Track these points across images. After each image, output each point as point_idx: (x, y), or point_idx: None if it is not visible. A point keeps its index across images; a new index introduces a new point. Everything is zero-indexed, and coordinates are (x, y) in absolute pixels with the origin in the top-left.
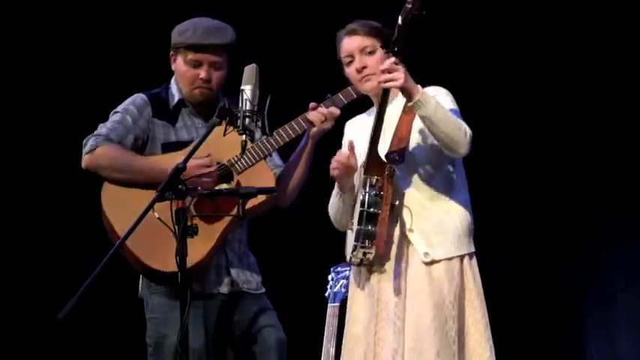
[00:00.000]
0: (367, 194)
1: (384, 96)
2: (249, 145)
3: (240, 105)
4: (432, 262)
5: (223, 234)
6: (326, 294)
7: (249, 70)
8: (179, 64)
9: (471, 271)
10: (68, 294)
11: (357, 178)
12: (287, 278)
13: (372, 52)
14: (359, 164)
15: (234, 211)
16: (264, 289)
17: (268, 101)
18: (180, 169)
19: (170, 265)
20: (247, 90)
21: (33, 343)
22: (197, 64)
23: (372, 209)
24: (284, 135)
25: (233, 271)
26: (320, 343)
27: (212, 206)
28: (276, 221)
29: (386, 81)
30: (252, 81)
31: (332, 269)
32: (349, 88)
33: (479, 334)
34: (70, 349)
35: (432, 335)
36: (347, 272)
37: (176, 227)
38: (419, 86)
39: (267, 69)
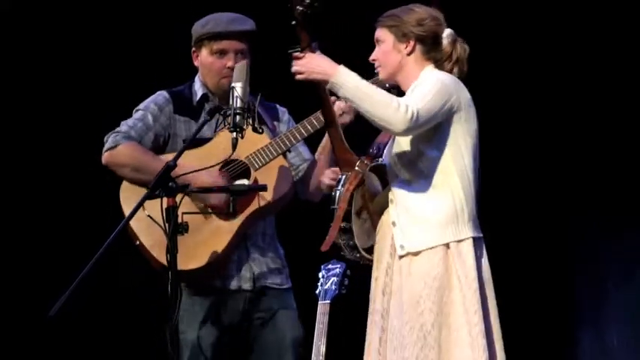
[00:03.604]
0: (338, 191)
1: (320, 92)
2: (267, 140)
3: (230, 102)
4: (411, 255)
5: (241, 229)
6: (317, 291)
7: (240, 68)
8: (204, 56)
9: (459, 259)
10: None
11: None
12: None
13: (380, 43)
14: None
15: (253, 208)
16: (289, 284)
17: (259, 99)
18: (170, 166)
19: (189, 263)
20: (238, 87)
21: (29, 341)
22: (223, 53)
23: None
24: (303, 130)
25: (254, 266)
26: (311, 340)
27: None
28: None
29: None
30: (243, 78)
31: (323, 267)
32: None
33: (468, 326)
34: (71, 348)
35: (409, 332)
36: (338, 270)
37: (167, 225)
38: (336, 69)
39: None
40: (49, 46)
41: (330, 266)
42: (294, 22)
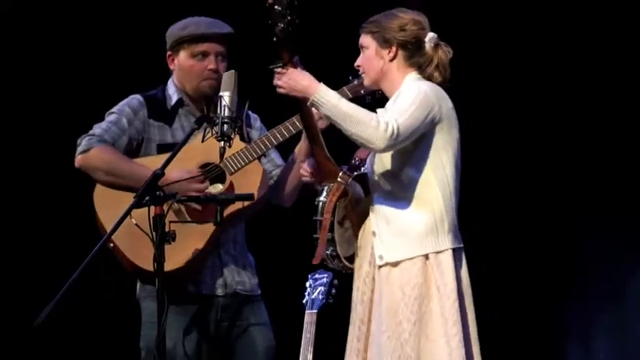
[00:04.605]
0: (320, 202)
1: (302, 106)
2: (242, 145)
3: (218, 111)
4: (390, 265)
5: (214, 235)
6: (304, 301)
7: (228, 77)
8: (183, 59)
9: (438, 270)
10: (49, 297)
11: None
12: (265, 284)
13: (364, 50)
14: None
15: (227, 212)
16: (259, 292)
17: (247, 107)
18: (158, 175)
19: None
20: (226, 96)
21: (16, 346)
22: (204, 55)
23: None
24: (278, 135)
25: (227, 273)
26: (298, 350)
27: (201, 210)
28: (255, 227)
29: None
30: (231, 87)
31: (310, 276)
32: (344, 88)
33: (446, 337)
34: (60, 353)
35: (386, 341)
36: (325, 279)
37: (154, 233)
38: (316, 87)
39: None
40: (48, 46)
41: (317, 275)
42: (275, 39)
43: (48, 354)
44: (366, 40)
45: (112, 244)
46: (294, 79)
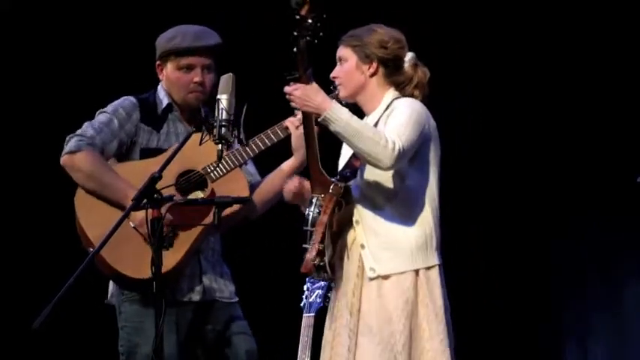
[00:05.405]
0: (311, 213)
1: (304, 116)
2: (224, 153)
3: (216, 114)
4: (381, 278)
5: (196, 242)
6: (301, 304)
7: (226, 80)
8: (170, 71)
9: (427, 286)
10: (41, 301)
11: None
12: (262, 288)
13: (343, 62)
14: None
15: (208, 220)
16: (237, 298)
17: (244, 110)
18: (155, 178)
19: (142, 272)
20: (223, 99)
21: (8, 350)
22: (190, 68)
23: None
24: (260, 144)
25: (206, 279)
26: (295, 353)
27: (183, 215)
28: (251, 230)
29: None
30: (229, 90)
31: (307, 279)
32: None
33: (433, 352)
34: (45, 357)
35: (380, 353)
36: (322, 283)
37: (151, 237)
38: (329, 105)
39: (250, 77)
40: (48, 46)
41: (314, 279)
42: (295, 50)
43: (37, 357)
44: (345, 52)
45: (91, 249)
46: (309, 95)
